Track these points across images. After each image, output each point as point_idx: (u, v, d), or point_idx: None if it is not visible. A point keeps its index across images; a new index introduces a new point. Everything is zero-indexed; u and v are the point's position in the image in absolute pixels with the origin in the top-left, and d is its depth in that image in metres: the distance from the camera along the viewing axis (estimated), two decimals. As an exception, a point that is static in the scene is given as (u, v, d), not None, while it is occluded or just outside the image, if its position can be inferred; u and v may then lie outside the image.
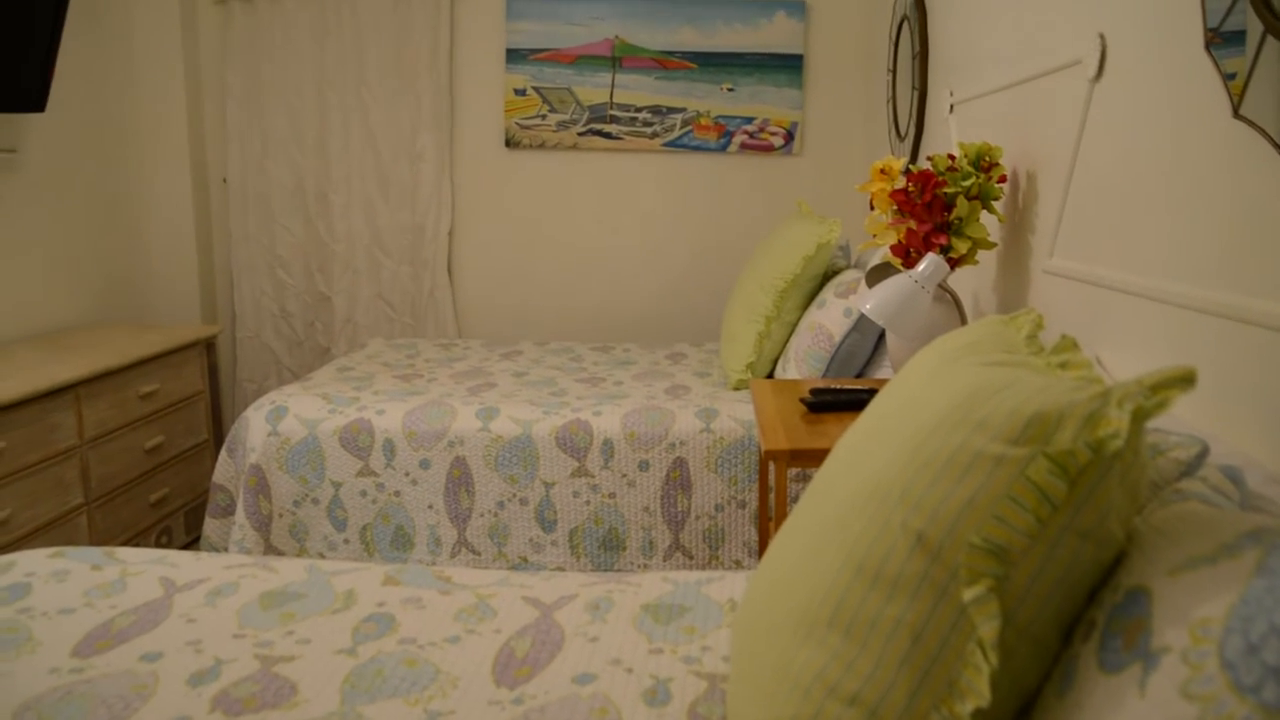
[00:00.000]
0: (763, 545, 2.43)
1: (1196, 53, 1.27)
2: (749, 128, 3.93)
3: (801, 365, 2.64)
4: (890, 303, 1.88)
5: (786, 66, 3.89)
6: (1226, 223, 1.22)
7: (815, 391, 2.03)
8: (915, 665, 0.83)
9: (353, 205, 3.96)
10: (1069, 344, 0.97)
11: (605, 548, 2.56)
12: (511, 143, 3.97)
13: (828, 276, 2.91)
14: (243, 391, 4.09)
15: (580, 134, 3.95)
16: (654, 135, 3.95)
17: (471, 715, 1.20)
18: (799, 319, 2.85)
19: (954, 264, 1.96)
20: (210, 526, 2.70)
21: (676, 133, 3.94)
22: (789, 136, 3.93)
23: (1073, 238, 1.73)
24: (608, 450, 2.55)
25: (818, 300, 2.76)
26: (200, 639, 1.39)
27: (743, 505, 2.54)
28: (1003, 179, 1.97)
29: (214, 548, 2.67)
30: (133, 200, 3.79)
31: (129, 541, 2.90)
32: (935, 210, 1.96)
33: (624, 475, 2.55)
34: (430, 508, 2.57)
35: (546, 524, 2.55)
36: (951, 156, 2.00)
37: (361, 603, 1.51)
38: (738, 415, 2.59)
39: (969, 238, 1.96)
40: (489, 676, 1.29)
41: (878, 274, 2.20)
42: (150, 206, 3.86)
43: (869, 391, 2.00)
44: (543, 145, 3.97)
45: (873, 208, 2.13)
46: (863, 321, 2.55)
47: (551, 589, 1.56)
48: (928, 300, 1.89)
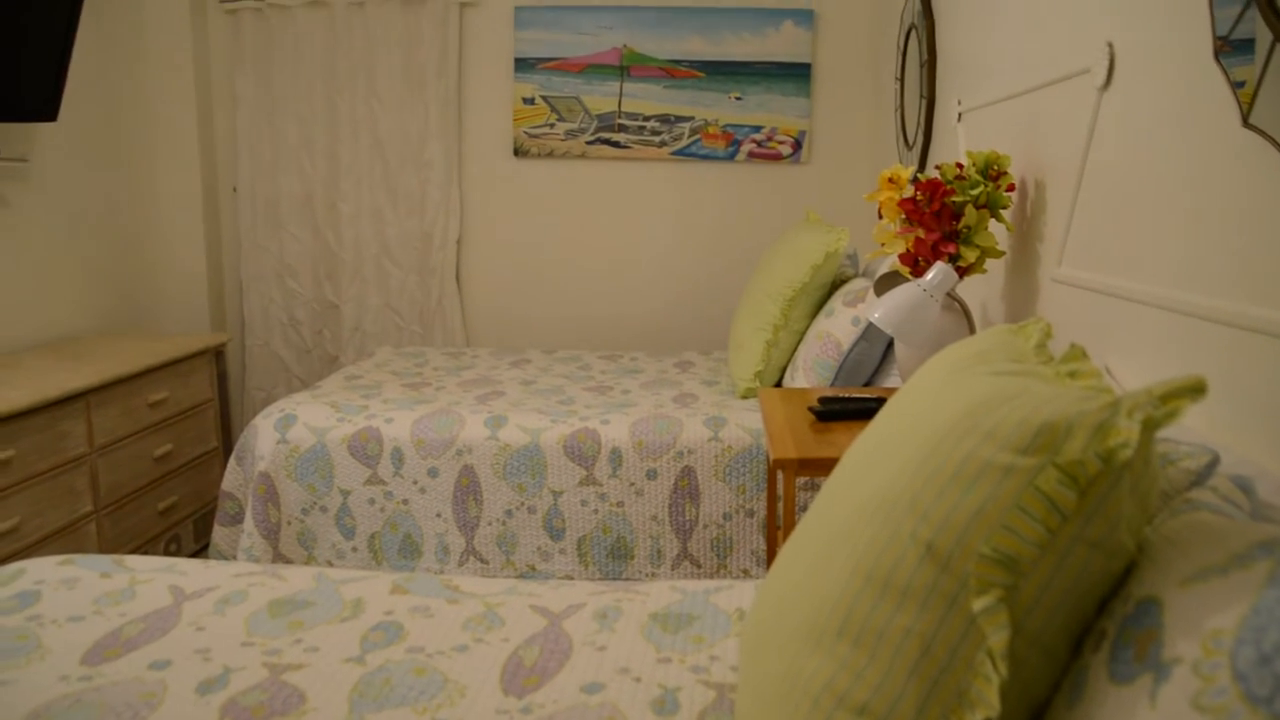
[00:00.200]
0: (771, 554, 2.43)
1: (1205, 61, 1.27)
2: (757, 136, 3.94)
3: (809, 374, 2.63)
4: (898, 311, 1.88)
5: (794, 75, 3.89)
6: (1236, 231, 1.22)
7: (824, 400, 2.03)
8: (924, 675, 0.82)
9: (361, 214, 3.97)
10: (1078, 353, 0.97)
11: (613, 556, 2.55)
12: (520, 151, 3.98)
13: (836, 285, 2.91)
14: (252, 400, 4.10)
15: (588, 143, 3.96)
16: (662, 144, 3.95)
17: (479, 724, 1.20)
18: (807, 328, 2.85)
19: (962, 273, 1.96)
20: (219, 534, 2.70)
21: (684, 141, 3.95)
22: (797, 145, 3.93)
23: (1081, 246, 1.73)
24: (616, 459, 2.55)
25: (826, 309, 2.76)
26: (209, 647, 1.39)
27: (751, 514, 2.54)
28: (1011, 187, 1.97)
29: (223, 556, 2.68)
30: (143, 209, 3.81)
31: (138, 549, 2.91)
32: (943, 219, 1.95)
33: (632, 484, 2.54)
34: (438, 516, 2.57)
35: (554, 532, 2.55)
36: (960, 165, 2.00)
37: (370, 611, 1.51)
38: (746, 424, 2.59)
39: (977, 246, 1.95)
40: (497, 685, 1.29)
41: (886, 283, 2.20)
42: (160, 215, 3.89)
43: (877, 400, 2.00)
44: (551, 154, 3.98)
45: (881, 216, 2.13)
46: (871, 330, 2.54)
47: (559, 598, 1.56)
48: (936, 309, 1.88)
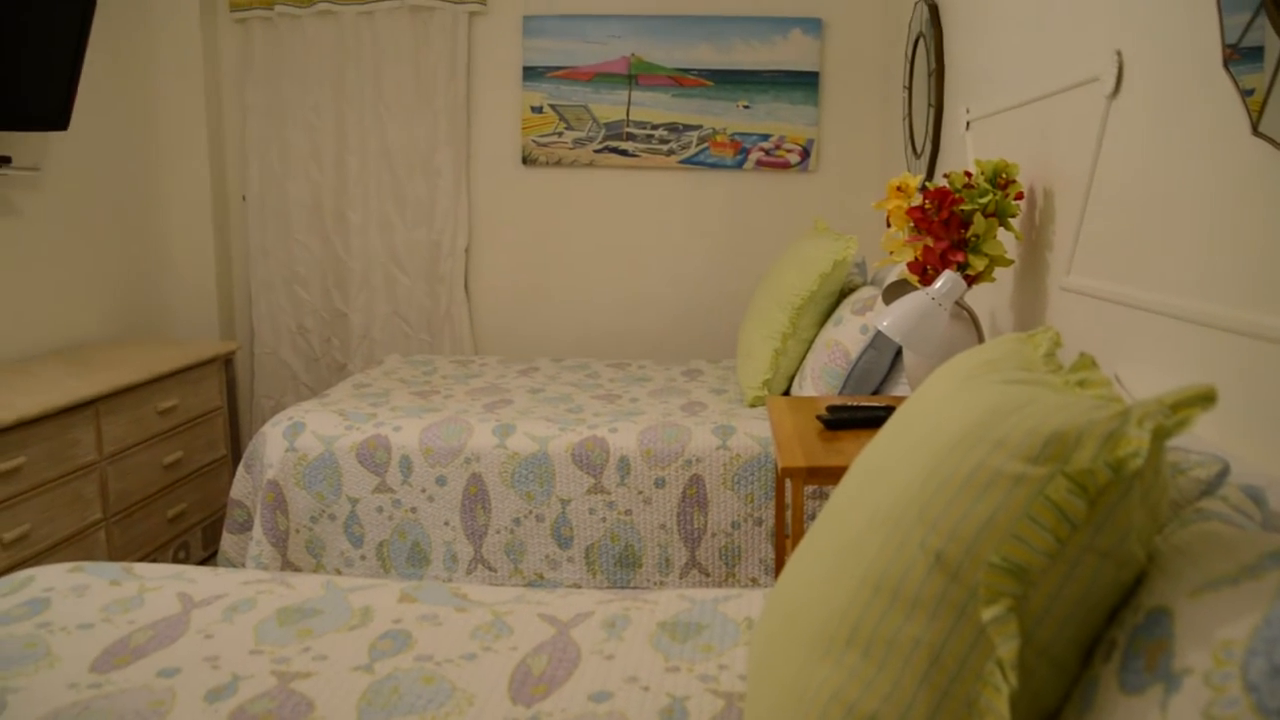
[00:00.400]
0: (779, 563, 2.42)
1: (1214, 69, 1.26)
2: (765, 145, 3.94)
3: (818, 382, 2.63)
4: (907, 320, 1.87)
5: (802, 84, 3.90)
6: (1245, 239, 1.22)
7: (832, 409, 2.02)
8: (934, 685, 0.82)
9: (370, 222, 3.99)
10: (1087, 362, 0.97)
11: (621, 565, 2.55)
12: (528, 160, 3.99)
13: (844, 294, 2.91)
14: (260, 407, 4.11)
15: (596, 151, 3.97)
16: (670, 152, 3.96)
17: (487, 733, 1.20)
18: (815, 336, 2.85)
19: (971, 281, 1.96)
20: (228, 542, 2.71)
21: (693, 150, 3.96)
22: (805, 153, 3.94)
23: (1090, 255, 1.73)
24: (624, 467, 2.55)
25: (834, 317, 2.76)
26: (217, 655, 1.39)
27: (759, 523, 2.54)
28: (1020, 196, 1.96)
29: (231, 563, 2.68)
30: (153, 217, 3.83)
31: (147, 557, 2.92)
32: (952, 227, 1.95)
33: (640, 492, 2.54)
34: (446, 524, 2.58)
35: (563, 541, 2.55)
36: (968, 173, 1.99)
37: (378, 619, 1.51)
38: (754, 432, 2.59)
39: (986, 255, 1.95)
40: (505, 694, 1.29)
41: (894, 291, 2.20)
42: (170, 223, 3.91)
43: (886, 409, 1.99)
44: (559, 162, 3.99)
45: (889, 225, 2.13)
46: (879, 339, 2.54)
47: (568, 606, 1.56)
48: (945, 318, 1.88)
